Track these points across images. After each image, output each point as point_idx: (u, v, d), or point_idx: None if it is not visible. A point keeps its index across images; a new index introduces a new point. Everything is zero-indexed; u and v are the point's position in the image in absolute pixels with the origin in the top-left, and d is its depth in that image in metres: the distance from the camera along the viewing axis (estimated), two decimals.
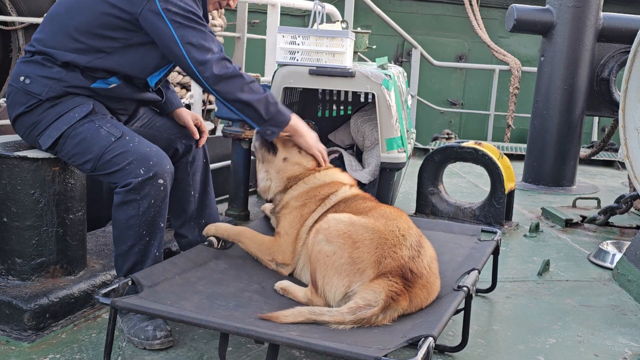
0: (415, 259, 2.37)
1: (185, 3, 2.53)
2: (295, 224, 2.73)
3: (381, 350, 1.89)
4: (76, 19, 2.55)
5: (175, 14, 2.50)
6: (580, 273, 3.65)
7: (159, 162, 2.50)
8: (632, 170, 3.88)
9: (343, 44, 3.80)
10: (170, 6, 2.49)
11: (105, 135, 2.52)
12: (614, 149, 7.93)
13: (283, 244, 2.71)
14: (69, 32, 2.55)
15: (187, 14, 2.52)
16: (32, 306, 2.48)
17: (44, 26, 2.64)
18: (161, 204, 2.53)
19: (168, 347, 2.43)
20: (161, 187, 2.50)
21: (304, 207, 2.75)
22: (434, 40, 11.34)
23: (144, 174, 2.46)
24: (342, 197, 2.76)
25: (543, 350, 2.63)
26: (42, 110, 2.55)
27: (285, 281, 2.56)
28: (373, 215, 2.54)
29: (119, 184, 2.50)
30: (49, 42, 2.58)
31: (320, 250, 2.38)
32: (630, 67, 3.88)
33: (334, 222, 2.44)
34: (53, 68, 2.55)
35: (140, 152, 2.49)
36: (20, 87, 2.56)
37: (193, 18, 2.54)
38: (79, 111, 2.54)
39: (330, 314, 2.20)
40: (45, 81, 2.54)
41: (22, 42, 5.72)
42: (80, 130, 2.53)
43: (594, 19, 5.84)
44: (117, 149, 2.49)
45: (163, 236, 2.61)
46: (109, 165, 2.50)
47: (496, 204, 4.31)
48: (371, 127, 4.27)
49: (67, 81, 2.55)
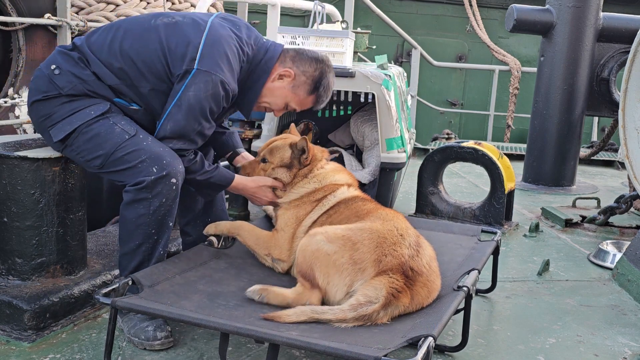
0: (415, 257, 2.37)
1: (209, 97, 2.52)
2: (292, 221, 2.74)
3: (381, 350, 1.89)
4: (128, 41, 2.57)
5: (191, 97, 2.50)
6: (580, 273, 3.65)
7: (172, 161, 2.51)
8: (632, 170, 3.88)
9: (343, 44, 3.80)
10: (192, 89, 2.50)
11: (119, 132, 2.53)
12: (614, 149, 7.93)
13: (280, 240, 2.72)
14: (115, 48, 2.57)
15: (201, 104, 2.52)
16: (33, 306, 2.48)
17: (101, 31, 2.66)
18: (172, 203, 2.54)
19: (168, 347, 2.43)
20: (173, 186, 2.51)
21: (302, 207, 2.77)
22: (434, 41, 11.34)
23: (157, 172, 2.47)
24: (341, 199, 2.76)
25: (543, 350, 2.63)
26: (58, 103, 2.56)
27: (258, 285, 2.43)
28: (370, 219, 2.55)
29: (128, 182, 2.50)
30: (93, 47, 2.60)
31: (319, 249, 2.37)
32: (630, 67, 3.88)
33: (331, 228, 2.47)
34: (85, 70, 2.57)
35: (153, 151, 2.50)
36: (48, 74, 2.57)
37: (203, 113, 2.54)
38: (95, 109, 2.55)
39: (332, 312, 2.21)
40: (72, 78, 2.55)
41: (22, 43, 5.72)
42: (94, 126, 2.53)
43: (593, 19, 5.84)
44: (130, 146, 2.50)
45: (169, 235, 2.62)
46: (120, 163, 2.51)
47: (496, 204, 4.31)
48: (371, 127, 4.27)
49: (92, 87, 2.57)
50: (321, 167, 2.87)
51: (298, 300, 2.33)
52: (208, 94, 2.52)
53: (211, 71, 2.51)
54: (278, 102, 2.78)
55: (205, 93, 2.52)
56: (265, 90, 2.74)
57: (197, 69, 2.50)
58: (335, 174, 2.88)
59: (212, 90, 2.52)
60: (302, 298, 2.33)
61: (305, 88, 2.75)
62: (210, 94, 2.52)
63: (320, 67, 2.74)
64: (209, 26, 2.59)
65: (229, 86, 2.57)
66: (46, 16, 5.47)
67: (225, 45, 2.57)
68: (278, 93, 2.75)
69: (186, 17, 2.67)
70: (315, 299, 2.33)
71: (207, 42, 2.54)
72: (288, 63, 2.73)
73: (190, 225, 3.02)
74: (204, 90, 2.51)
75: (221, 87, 2.54)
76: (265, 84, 2.72)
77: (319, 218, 2.73)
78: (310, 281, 2.36)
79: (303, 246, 2.45)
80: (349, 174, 2.96)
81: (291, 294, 2.37)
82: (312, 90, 2.75)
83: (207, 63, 2.51)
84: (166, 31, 2.58)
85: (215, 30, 2.58)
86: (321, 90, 2.76)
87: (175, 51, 2.54)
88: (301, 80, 2.73)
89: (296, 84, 2.74)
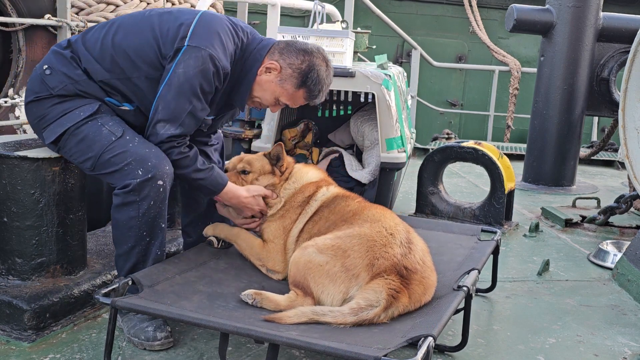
0: (408, 255, 2.37)
1: (199, 74, 2.47)
2: (279, 232, 2.73)
3: (381, 350, 1.89)
4: (121, 33, 2.56)
5: (181, 74, 2.46)
6: (580, 273, 3.65)
7: (158, 163, 2.47)
8: (632, 170, 3.88)
9: (343, 44, 3.80)
10: (182, 66, 2.45)
11: (107, 134, 2.51)
12: (614, 149, 7.93)
13: (272, 251, 2.71)
14: (108, 42, 2.56)
15: (190, 82, 2.47)
16: (33, 306, 2.48)
17: (97, 28, 2.65)
18: (161, 205, 2.52)
19: (168, 347, 2.43)
20: (160, 188, 2.48)
21: (286, 216, 2.75)
22: (434, 41, 11.34)
23: (142, 175, 2.44)
24: (322, 202, 2.75)
25: (543, 350, 2.63)
26: (50, 104, 2.55)
27: (252, 290, 2.44)
28: (357, 222, 2.53)
29: (117, 185, 2.48)
30: (88, 43, 2.59)
31: (311, 260, 2.37)
32: (630, 67, 3.88)
33: (321, 239, 2.47)
34: (76, 69, 2.56)
35: (138, 153, 2.47)
36: (40, 75, 2.57)
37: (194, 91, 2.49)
38: (84, 110, 2.54)
39: (332, 314, 2.21)
40: (63, 78, 2.55)
41: (22, 43, 5.72)
42: (83, 128, 2.52)
43: (593, 19, 5.84)
44: (117, 148, 2.48)
45: (165, 236, 2.61)
46: (107, 165, 2.49)
47: (496, 204, 4.31)
48: (371, 127, 4.27)
49: (83, 86, 2.56)
50: (294, 168, 2.88)
51: (291, 307, 2.32)
52: (197, 70, 2.45)
53: (201, 46, 2.46)
54: (267, 97, 2.68)
55: (195, 69, 2.45)
56: (255, 84, 2.67)
57: (187, 46, 2.46)
58: (308, 171, 2.88)
59: (202, 65, 2.45)
60: (295, 305, 2.33)
61: (292, 82, 2.63)
62: (199, 70, 2.46)
63: (308, 59, 2.61)
64: (203, 11, 2.59)
65: (220, 63, 2.50)
66: (46, 17, 5.48)
67: (217, 24, 2.54)
68: (266, 87, 2.66)
69: (181, 9, 2.66)
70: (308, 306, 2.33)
71: (199, 22, 2.51)
72: (275, 55, 2.64)
73: (191, 226, 3.02)
74: (193, 67, 2.45)
75: (211, 62, 2.47)
76: (256, 74, 2.65)
77: (305, 226, 2.71)
78: (303, 290, 2.37)
79: (295, 259, 2.45)
80: (318, 169, 2.98)
81: (284, 300, 2.37)
82: (299, 84, 2.62)
83: (197, 39, 2.47)
84: (159, 19, 2.56)
85: (209, 13, 2.57)
86: (310, 83, 2.62)
87: (167, 35, 2.51)
88: (287, 74, 2.62)
89: (283, 78, 2.63)
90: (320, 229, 2.62)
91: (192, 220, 3.00)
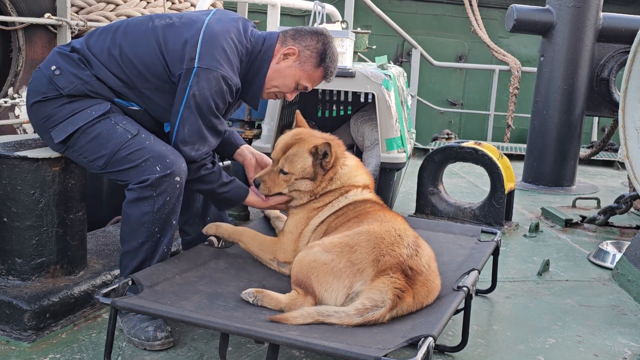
0: (414, 257, 2.37)
1: (214, 94, 2.54)
2: (301, 222, 2.72)
3: (381, 350, 1.89)
4: (127, 45, 2.59)
5: (197, 96, 2.52)
6: (580, 273, 3.65)
7: (175, 160, 2.52)
8: (632, 170, 3.88)
9: (343, 44, 3.80)
10: (196, 89, 2.51)
11: (122, 132, 2.54)
12: (614, 149, 7.93)
13: (286, 242, 2.71)
14: (115, 53, 2.58)
15: (207, 102, 2.53)
16: (32, 306, 2.48)
17: (99, 33, 2.66)
18: (176, 201, 2.56)
19: (168, 348, 2.43)
20: (177, 184, 2.53)
21: (312, 207, 2.72)
22: (434, 41, 11.34)
23: (161, 171, 2.48)
24: (351, 200, 2.71)
25: (543, 350, 2.63)
26: (58, 104, 2.56)
27: (253, 288, 2.43)
28: (367, 221, 2.53)
29: (132, 181, 2.51)
30: (93, 49, 2.61)
31: (315, 259, 2.37)
32: (630, 67, 3.88)
33: (328, 239, 2.47)
34: (85, 71, 2.58)
35: (156, 150, 2.52)
36: (48, 75, 2.57)
37: (211, 111, 2.57)
38: (96, 109, 2.56)
39: (337, 315, 2.20)
40: (73, 79, 2.56)
41: (22, 42, 5.71)
42: (96, 127, 2.54)
43: (593, 19, 5.84)
44: (133, 146, 2.52)
45: (173, 234, 2.63)
46: (123, 162, 2.52)
47: (496, 204, 4.31)
48: (371, 127, 4.27)
49: (93, 87, 2.58)
50: (343, 165, 2.78)
51: (291, 305, 2.32)
52: (212, 91, 2.54)
53: (212, 68, 2.52)
54: (288, 82, 2.76)
55: (210, 90, 2.53)
56: (272, 73, 2.73)
57: (197, 67, 2.52)
58: (357, 175, 2.80)
59: (216, 86, 2.54)
60: (296, 303, 2.33)
61: (312, 62, 2.73)
62: (214, 91, 2.54)
63: (322, 38, 2.73)
64: (206, 25, 2.60)
65: (231, 81, 2.59)
66: (46, 16, 5.46)
67: (222, 40, 2.58)
68: (286, 73, 2.73)
69: (183, 17, 2.67)
70: (308, 305, 2.33)
71: (204, 40, 2.55)
72: (289, 42, 2.73)
73: (188, 225, 3.02)
74: (208, 88, 2.53)
75: (223, 82, 2.55)
76: (267, 74, 2.72)
77: (327, 218, 2.69)
78: (304, 289, 2.36)
79: (300, 258, 2.44)
80: (367, 173, 2.88)
81: (285, 299, 2.36)
82: (319, 62, 2.73)
83: (206, 60, 2.53)
84: (164, 32, 2.59)
85: (212, 27, 2.59)
86: (327, 61, 2.74)
87: (173, 51, 2.55)
88: (306, 55, 2.72)
89: (302, 60, 2.72)
90: (337, 224, 2.62)
91: (189, 219, 3.01)
